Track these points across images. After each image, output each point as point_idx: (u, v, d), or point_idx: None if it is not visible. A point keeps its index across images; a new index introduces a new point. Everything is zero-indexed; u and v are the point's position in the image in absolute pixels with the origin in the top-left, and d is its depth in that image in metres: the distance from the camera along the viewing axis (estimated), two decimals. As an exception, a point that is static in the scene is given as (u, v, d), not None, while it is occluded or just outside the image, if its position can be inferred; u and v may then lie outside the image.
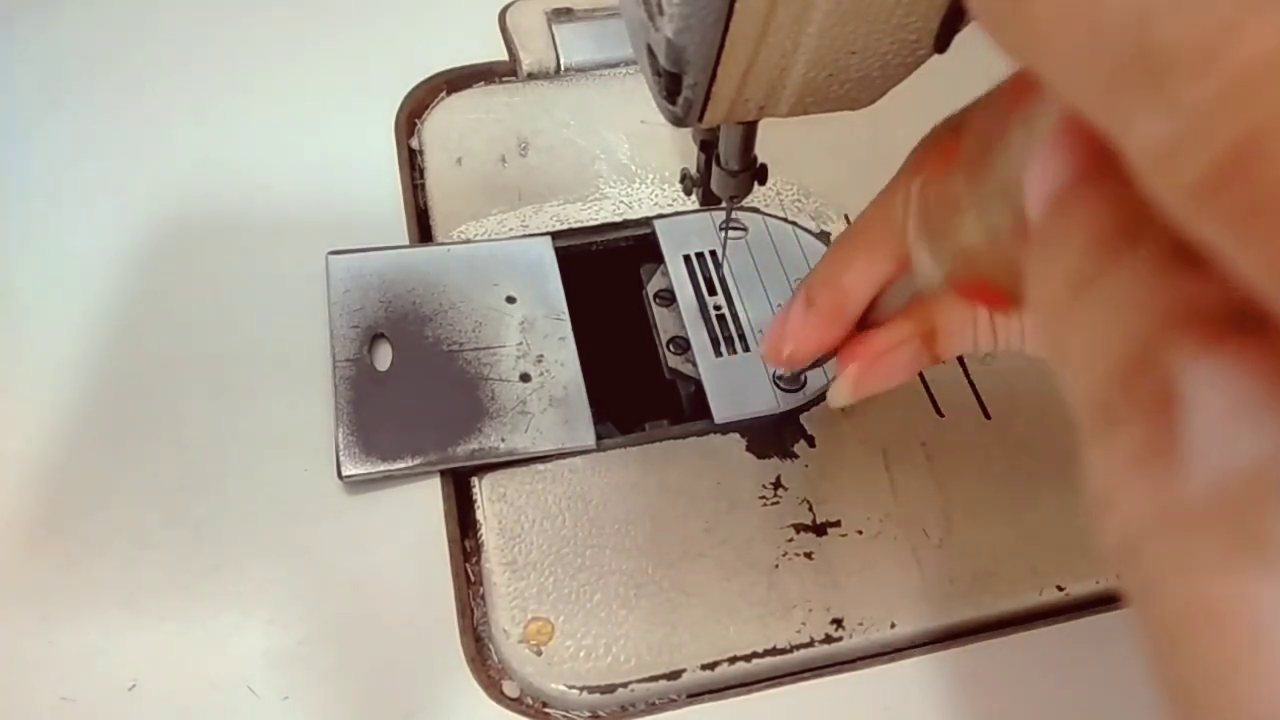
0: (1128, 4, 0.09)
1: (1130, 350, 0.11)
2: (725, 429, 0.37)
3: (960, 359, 0.39)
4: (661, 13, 0.23)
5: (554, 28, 0.50)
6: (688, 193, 0.35)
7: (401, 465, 0.35)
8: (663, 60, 0.23)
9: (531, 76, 0.49)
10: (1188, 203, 0.09)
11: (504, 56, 0.49)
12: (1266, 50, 0.08)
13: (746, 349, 0.39)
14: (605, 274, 0.43)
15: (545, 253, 0.41)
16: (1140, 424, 0.11)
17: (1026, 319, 0.27)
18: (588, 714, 0.31)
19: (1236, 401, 0.10)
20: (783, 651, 0.32)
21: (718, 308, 0.40)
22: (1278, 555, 0.09)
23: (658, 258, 0.42)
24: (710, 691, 0.31)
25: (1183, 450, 0.10)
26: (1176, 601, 0.10)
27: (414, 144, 0.46)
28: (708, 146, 0.33)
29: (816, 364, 0.33)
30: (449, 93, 0.48)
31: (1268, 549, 0.09)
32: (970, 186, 0.21)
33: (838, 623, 0.33)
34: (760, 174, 0.33)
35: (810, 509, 0.35)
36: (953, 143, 0.22)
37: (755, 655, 0.32)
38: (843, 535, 0.34)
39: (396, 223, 0.42)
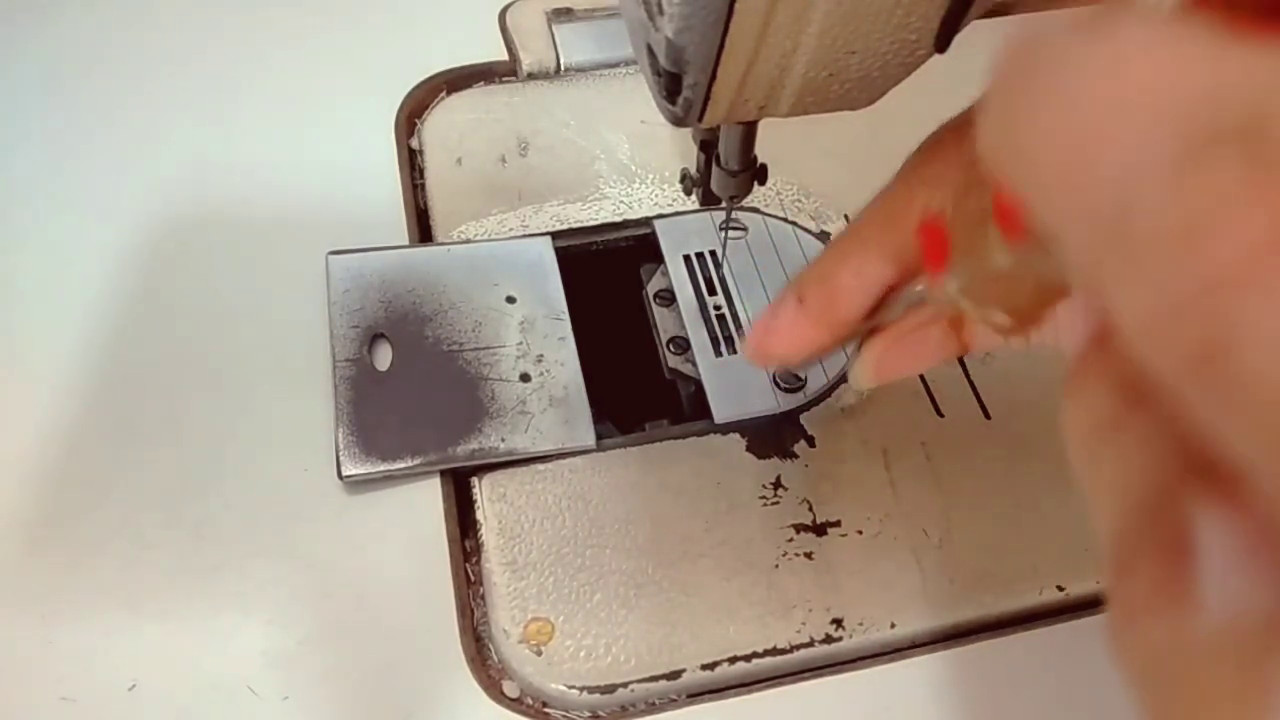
0: (1113, 173, 0.10)
1: (1151, 492, 0.12)
2: (725, 429, 0.37)
3: (960, 359, 0.39)
4: (661, 13, 0.23)
5: (554, 28, 0.50)
6: (688, 193, 0.35)
7: (401, 465, 0.35)
8: (663, 60, 0.23)
9: (531, 76, 0.49)
10: (1167, 374, 0.10)
11: (504, 56, 0.49)
12: (1243, 251, 0.09)
13: (746, 349, 0.39)
14: (605, 274, 0.43)
15: (545, 253, 0.41)
16: (1157, 563, 0.11)
17: (1061, 314, 0.26)
18: (588, 714, 0.31)
19: (1246, 551, 0.11)
20: (783, 651, 0.32)
21: (718, 308, 0.40)
22: (1274, 702, 0.10)
23: (658, 258, 0.42)
24: (710, 691, 0.31)
25: (1195, 594, 0.11)
26: None
27: (414, 144, 0.46)
28: (708, 146, 0.33)
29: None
30: (449, 93, 0.48)
31: (1267, 696, 0.10)
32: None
33: (838, 623, 0.33)
34: (760, 174, 0.33)
35: (810, 509, 0.35)
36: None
37: (755, 655, 0.32)
38: (843, 535, 0.34)
39: (396, 223, 0.42)
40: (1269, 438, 0.09)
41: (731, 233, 0.42)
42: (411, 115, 0.47)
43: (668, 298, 0.41)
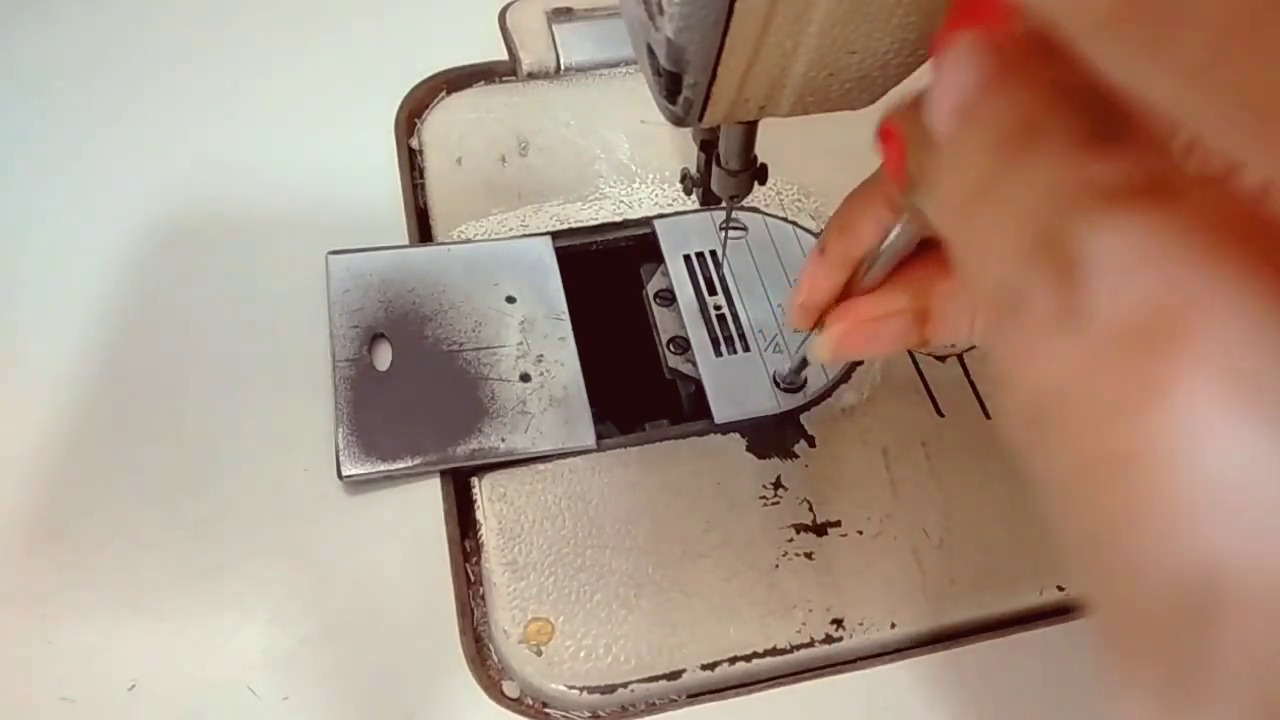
0: None
1: (1035, 230, 0.11)
2: (725, 429, 0.37)
3: (960, 358, 0.39)
4: (662, 12, 0.23)
5: (554, 28, 0.50)
6: (688, 193, 0.35)
7: (401, 465, 0.35)
8: (663, 60, 0.23)
9: (531, 76, 0.49)
10: (1098, 40, 0.10)
11: (504, 56, 0.50)
12: None
13: (746, 349, 0.39)
14: (605, 274, 0.43)
15: (545, 253, 0.41)
16: (1046, 290, 0.11)
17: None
18: (588, 714, 0.31)
19: (1134, 255, 0.10)
20: (783, 651, 0.32)
21: (718, 308, 0.40)
22: (1168, 394, 0.09)
23: (658, 258, 0.42)
24: (710, 691, 0.31)
25: (1083, 304, 0.10)
26: (1079, 453, 0.10)
27: (414, 144, 0.46)
28: (708, 146, 0.33)
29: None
30: (449, 93, 0.48)
31: (1160, 388, 0.10)
32: None
33: (838, 623, 0.33)
34: (760, 174, 0.33)
35: (810, 509, 0.35)
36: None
37: (755, 655, 0.32)
38: (843, 535, 0.34)
39: (396, 223, 0.42)
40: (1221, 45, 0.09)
41: (731, 233, 0.42)
42: (411, 115, 0.47)
43: (668, 298, 0.41)
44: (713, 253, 0.42)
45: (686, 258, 0.42)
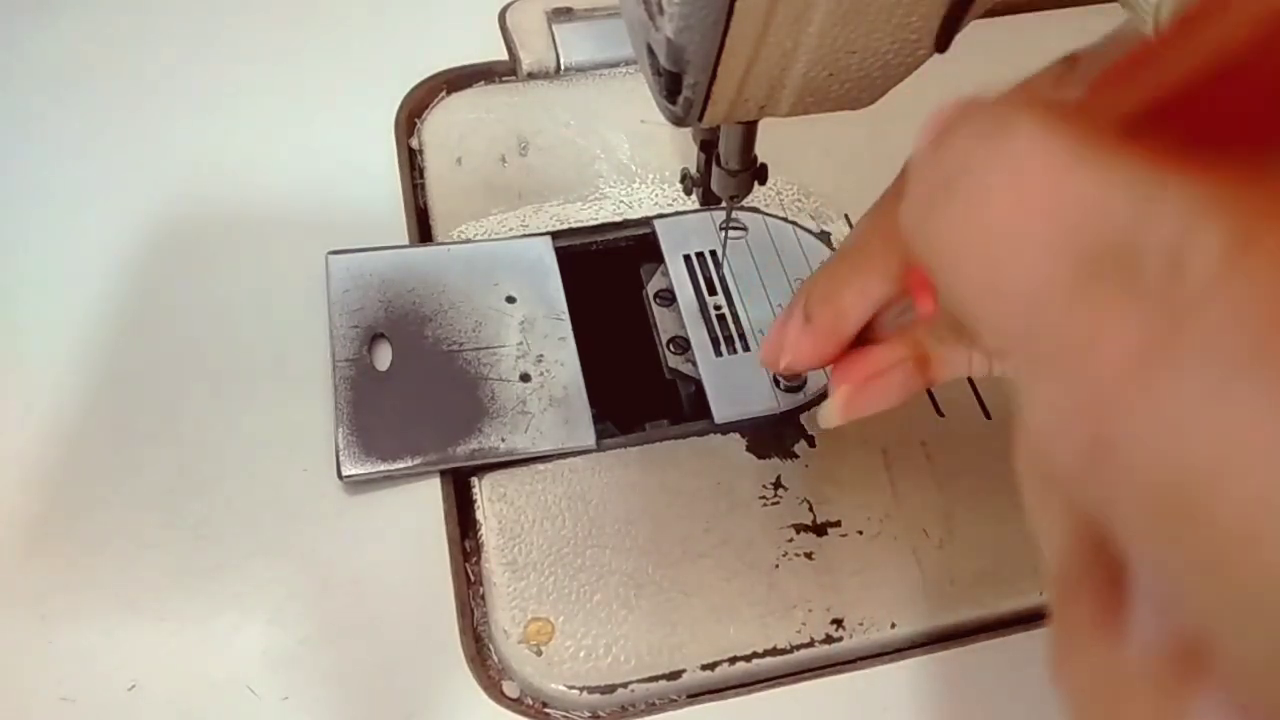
0: (1016, 294, 0.12)
1: (1088, 539, 0.13)
2: (725, 429, 0.37)
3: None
4: (662, 12, 0.23)
5: (554, 27, 0.50)
6: (688, 193, 0.35)
7: (401, 465, 0.35)
8: (663, 60, 0.23)
9: (531, 76, 0.49)
10: (1065, 467, 0.11)
11: (504, 56, 0.50)
12: (1118, 364, 0.10)
13: (746, 349, 0.39)
14: (605, 274, 0.43)
15: (545, 253, 0.41)
16: (1096, 596, 0.13)
17: None
18: (588, 714, 0.31)
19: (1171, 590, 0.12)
20: (783, 651, 0.32)
21: (718, 308, 0.40)
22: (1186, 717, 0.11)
23: (658, 258, 0.42)
24: (710, 691, 0.31)
25: (1127, 626, 0.12)
26: None
27: (414, 144, 0.46)
28: (708, 146, 0.33)
29: None
30: (449, 93, 0.48)
31: (1180, 712, 0.11)
32: None
33: (838, 623, 0.33)
34: (760, 174, 0.33)
35: (810, 509, 0.35)
36: None
37: (755, 655, 0.32)
38: (843, 535, 0.34)
39: (396, 223, 0.42)
40: (1152, 523, 0.10)
41: (731, 233, 0.42)
42: (411, 115, 0.47)
43: (668, 298, 0.41)
44: (713, 253, 0.42)
45: (686, 258, 0.42)
